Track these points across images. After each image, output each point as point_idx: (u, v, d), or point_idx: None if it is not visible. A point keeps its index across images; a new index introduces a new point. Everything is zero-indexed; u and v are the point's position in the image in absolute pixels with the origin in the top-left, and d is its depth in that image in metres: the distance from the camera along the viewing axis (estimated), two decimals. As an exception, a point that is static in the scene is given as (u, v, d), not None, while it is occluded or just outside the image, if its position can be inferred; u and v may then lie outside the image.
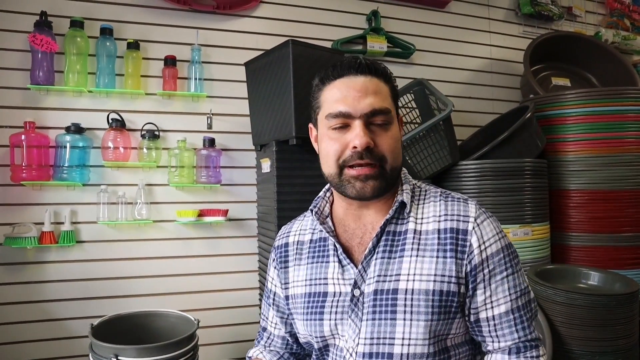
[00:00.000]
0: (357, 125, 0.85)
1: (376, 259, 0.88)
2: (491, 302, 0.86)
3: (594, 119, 2.09)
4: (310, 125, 0.99)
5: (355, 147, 0.84)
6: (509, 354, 0.87)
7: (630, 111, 2.07)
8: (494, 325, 0.87)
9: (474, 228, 0.87)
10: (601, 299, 1.58)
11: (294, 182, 1.76)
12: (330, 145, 0.88)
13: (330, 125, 0.88)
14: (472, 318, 0.88)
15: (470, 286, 0.86)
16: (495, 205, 1.93)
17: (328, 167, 0.90)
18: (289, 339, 1.07)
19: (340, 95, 0.87)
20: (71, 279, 1.93)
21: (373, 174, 0.85)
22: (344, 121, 0.86)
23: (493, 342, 0.88)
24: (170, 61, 2.04)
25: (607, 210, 2.06)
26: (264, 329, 1.10)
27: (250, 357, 1.09)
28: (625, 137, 2.07)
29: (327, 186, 1.01)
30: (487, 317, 0.87)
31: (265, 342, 1.09)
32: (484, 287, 0.86)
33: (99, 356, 1.41)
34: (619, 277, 1.79)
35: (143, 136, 2.00)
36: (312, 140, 0.99)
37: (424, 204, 0.92)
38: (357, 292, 0.88)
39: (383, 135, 0.86)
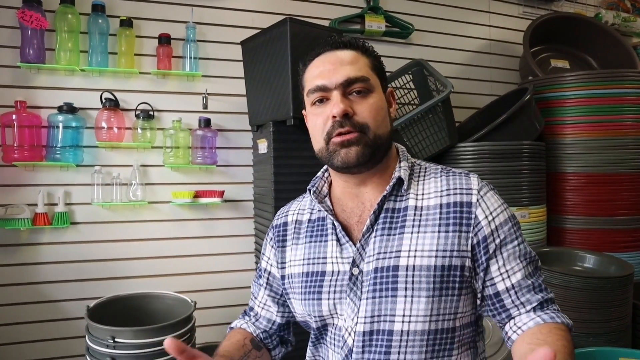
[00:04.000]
0: (334, 96, 0.86)
1: (375, 236, 0.87)
2: (506, 271, 0.86)
3: (592, 101, 2.08)
4: (304, 111, 1.00)
5: (334, 117, 0.85)
6: (534, 311, 0.86)
7: (629, 94, 2.06)
8: (515, 292, 0.86)
9: (477, 200, 0.86)
10: (596, 282, 1.59)
11: (291, 163, 1.74)
12: (314, 121, 0.90)
13: (312, 101, 0.90)
14: (490, 291, 0.87)
15: (483, 258, 0.85)
16: (492, 188, 1.92)
17: (316, 142, 0.91)
18: (277, 320, 1.05)
19: (317, 71, 0.89)
20: (66, 260, 1.91)
21: (355, 139, 0.85)
22: (323, 95, 0.88)
23: (519, 309, 0.87)
24: (164, 39, 2.00)
25: (604, 193, 2.06)
26: (251, 309, 1.09)
27: (232, 328, 1.08)
28: (623, 120, 2.06)
29: (325, 166, 1.01)
30: (506, 288, 0.86)
31: (250, 319, 1.08)
32: (496, 257, 0.86)
33: (96, 338, 1.41)
34: (614, 259, 1.80)
35: (137, 116, 1.96)
36: (307, 124, 0.99)
37: (424, 180, 0.92)
38: (355, 271, 0.87)
39: (362, 103, 0.87)
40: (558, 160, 2.14)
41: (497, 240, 0.86)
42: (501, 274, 0.86)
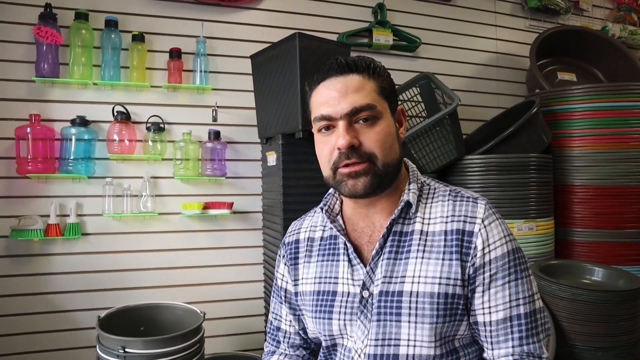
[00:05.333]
0: (340, 127, 0.85)
1: (383, 259, 0.88)
2: (489, 307, 0.84)
3: (599, 114, 2.08)
4: (313, 129, 0.99)
5: (339, 149, 0.85)
6: None
7: (636, 107, 2.06)
8: (490, 331, 0.85)
9: (480, 230, 0.85)
10: (605, 295, 1.59)
11: (300, 175, 1.76)
12: (321, 149, 0.90)
13: (318, 128, 0.89)
14: (471, 320, 0.87)
15: (469, 288, 0.85)
16: (500, 200, 1.93)
17: (324, 170, 0.91)
18: (304, 335, 1.06)
19: (322, 98, 0.88)
20: (77, 271, 1.94)
21: (362, 170, 0.85)
22: (328, 123, 0.87)
23: (487, 348, 0.87)
24: (175, 53, 2.04)
25: (612, 206, 2.06)
26: (278, 329, 1.08)
27: None
28: (630, 132, 2.06)
29: None
30: (484, 322, 0.85)
31: (283, 340, 1.07)
32: (483, 291, 0.84)
33: (106, 348, 1.42)
34: (623, 273, 1.79)
35: (148, 129, 1.99)
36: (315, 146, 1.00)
37: (432, 203, 0.91)
38: (366, 294, 0.88)
39: (369, 131, 0.85)
40: (565, 172, 2.14)
41: (487, 274, 0.84)
42: (483, 309, 0.85)
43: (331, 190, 1.01)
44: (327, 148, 0.87)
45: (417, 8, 2.54)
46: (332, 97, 0.86)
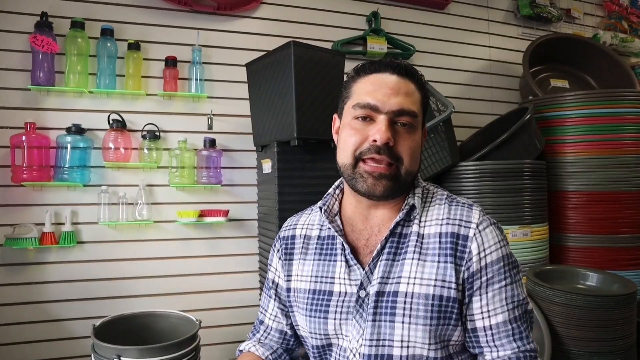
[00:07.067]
0: (382, 120, 0.86)
1: (381, 260, 0.89)
2: (488, 311, 0.85)
3: (592, 120, 2.10)
4: (335, 115, 0.99)
5: (375, 141, 0.85)
6: None
7: (628, 113, 2.09)
8: (492, 335, 0.86)
9: (474, 235, 0.86)
10: (599, 300, 1.60)
11: (295, 182, 1.76)
12: (350, 136, 0.89)
13: (356, 114, 0.89)
14: (469, 326, 0.87)
15: (466, 293, 0.86)
16: (494, 206, 1.94)
17: (344, 156, 0.90)
18: (288, 331, 1.05)
19: (371, 88, 0.88)
20: (72, 279, 1.93)
21: (387, 174, 0.86)
22: (370, 113, 0.87)
23: (491, 351, 0.87)
24: (171, 62, 2.04)
25: (605, 211, 2.07)
26: (261, 322, 1.09)
27: (241, 351, 1.07)
28: (623, 138, 2.08)
29: (336, 183, 1.02)
30: (484, 327, 0.86)
31: (261, 335, 1.08)
32: (480, 295, 0.85)
33: (101, 357, 1.41)
34: (617, 278, 1.80)
35: (144, 137, 2.00)
36: (333, 131, 0.99)
37: (429, 207, 0.92)
38: (362, 294, 0.88)
39: (405, 136, 0.87)
40: (559, 178, 2.16)
41: (484, 278, 0.85)
42: (482, 313, 0.86)
43: (330, 190, 1.02)
44: (358, 137, 0.88)
45: (411, 16, 2.56)
46: (382, 90, 0.87)
